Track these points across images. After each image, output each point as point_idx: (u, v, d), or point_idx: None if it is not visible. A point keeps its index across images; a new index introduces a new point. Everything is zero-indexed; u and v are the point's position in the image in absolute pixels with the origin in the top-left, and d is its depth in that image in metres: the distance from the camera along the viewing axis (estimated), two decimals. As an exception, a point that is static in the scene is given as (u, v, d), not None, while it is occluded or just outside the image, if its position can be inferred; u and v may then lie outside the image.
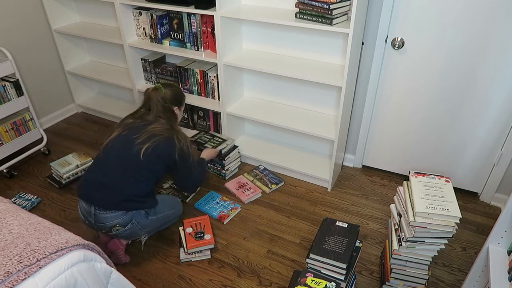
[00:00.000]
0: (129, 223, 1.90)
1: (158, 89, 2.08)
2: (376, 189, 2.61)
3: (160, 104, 2.05)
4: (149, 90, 2.10)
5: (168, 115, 2.07)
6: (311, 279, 1.52)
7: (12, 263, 1.17)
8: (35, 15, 3.00)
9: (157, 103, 2.04)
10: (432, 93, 2.30)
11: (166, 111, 2.07)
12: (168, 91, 2.10)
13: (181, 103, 2.20)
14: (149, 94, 2.07)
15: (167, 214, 2.11)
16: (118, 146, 1.95)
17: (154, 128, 1.96)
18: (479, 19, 1.99)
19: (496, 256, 1.46)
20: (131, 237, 2.02)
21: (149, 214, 1.98)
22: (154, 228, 2.09)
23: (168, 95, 2.09)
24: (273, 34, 2.50)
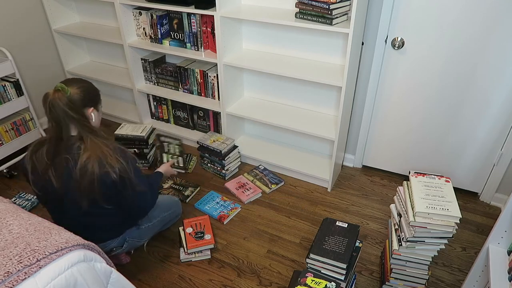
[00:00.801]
0: (124, 242, 1.88)
1: (61, 90, 1.53)
2: (376, 189, 2.61)
3: (69, 109, 1.53)
4: (48, 94, 1.53)
5: (82, 124, 1.59)
6: (311, 279, 1.52)
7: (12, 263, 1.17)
8: (35, 15, 3.00)
9: (65, 110, 1.53)
10: (432, 93, 2.30)
11: (79, 118, 1.57)
12: (75, 89, 1.57)
13: (96, 100, 1.70)
14: (50, 100, 1.52)
15: (164, 217, 2.08)
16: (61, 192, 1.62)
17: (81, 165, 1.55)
18: (479, 19, 1.99)
19: (496, 256, 1.46)
20: (134, 248, 2.03)
21: (141, 224, 1.95)
22: (154, 232, 2.08)
23: (76, 95, 1.57)
24: (273, 34, 2.50)
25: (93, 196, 1.60)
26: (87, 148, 1.57)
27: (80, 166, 1.55)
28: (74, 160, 1.57)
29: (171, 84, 2.94)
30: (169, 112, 3.12)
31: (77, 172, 1.56)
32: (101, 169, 1.56)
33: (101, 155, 1.57)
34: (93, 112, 1.66)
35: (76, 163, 1.56)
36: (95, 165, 1.55)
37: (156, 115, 3.21)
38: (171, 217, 2.16)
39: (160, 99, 3.08)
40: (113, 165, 1.57)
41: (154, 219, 2.01)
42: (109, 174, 1.57)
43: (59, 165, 1.59)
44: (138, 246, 2.04)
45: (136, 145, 2.73)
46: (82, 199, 1.60)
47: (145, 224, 1.97)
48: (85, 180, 1.56)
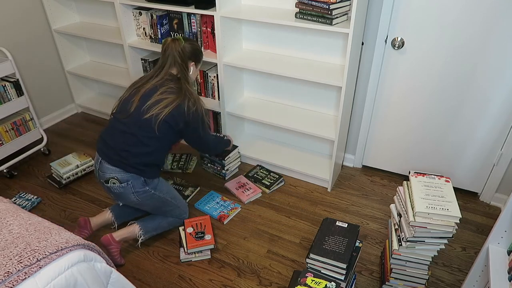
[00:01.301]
0: (126, 182, 1.92)
1: (178, 40, 2.01)
2: (376, 189, 2.61)
3: (179, 56, 1.99)
4: (168, 40, 2.03)
5: (182, 70, 2.02)
6: (311, 279, 1.52)
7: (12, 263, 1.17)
8: (35, 15, 3.00)
9: (175, 55, 1.99)
10: (432, 93, 2.30)
11: (182, 65, 2.01)
12: (187, 44, 2.04)
13: (199, 59, 2.14)
14: (167, 44, 2.01)
15: (167, 200, 2.10)
16: (127, 112, 1.94)
17: (162, 93, 1.92)
18: (479, 19, 1.99)
19: (496, 256, 1.46)
20: (123, 198, 2.01)
21: (147, 184, 1.99)
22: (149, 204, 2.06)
23: (187, 48, 2.02)
24: (273, 34, 2.50)
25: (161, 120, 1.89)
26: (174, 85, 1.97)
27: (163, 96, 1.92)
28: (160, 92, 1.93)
29: (171, 84, 2.94)
30: (169, 112, 3.12)
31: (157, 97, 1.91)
32: (179, 102, 1.92)
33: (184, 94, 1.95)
34: (192, 66, 2.09)
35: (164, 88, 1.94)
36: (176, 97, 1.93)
37: (156, 115, 3.21)
38: (173, 210, 2.16)
39: (160, 99, 3.08)
40: (190, 105, 1.95)
41: (159, 192, 2.05)
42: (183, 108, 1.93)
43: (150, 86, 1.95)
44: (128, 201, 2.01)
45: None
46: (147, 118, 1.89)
47: (150, 188, 2.00)
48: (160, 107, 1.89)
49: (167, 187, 2.11)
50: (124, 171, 1.92)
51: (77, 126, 3.36)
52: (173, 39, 2.01)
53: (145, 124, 1.90)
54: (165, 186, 2.10)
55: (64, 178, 2.57)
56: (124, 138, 1.92)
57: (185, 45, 2.02)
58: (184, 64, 2.02)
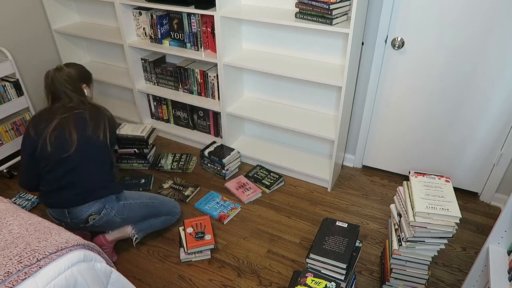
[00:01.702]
0: (103, 208, 1.89)
1: (61, 69, 1.91)
2: (376, 189, 2.61)
3: (68, 83, 1.89)
4: (50, 72, 1.91)
5: (79, 96, 1.93)
6: (311, 279, 1.52)
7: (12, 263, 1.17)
8: (35, 15, 3.00)
9: (64, 84, 1.88)
10: (432, 93, 2.30)
11: (76, 91, 1.92)
12: (71, 69, 1.95)
13: (88, 79, 2.07)
14: (51, 76, 1.89)
15: (146, 202, 2.07)
16: (55, 146, 1.81)
17: (91, 118, 1.88)
18: (479, 19, 1.99)
19: (496, 256, 1.46)
20: (109, 226, 1.99)
21: (120, 199, 1.97)
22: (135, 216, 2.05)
23: (72, 73, 1.93)
24: (273, 34, 2.50)
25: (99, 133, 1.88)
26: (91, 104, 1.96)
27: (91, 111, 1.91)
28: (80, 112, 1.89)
29: (171, 84, 2.94)
30: (169, 112, 3.12)
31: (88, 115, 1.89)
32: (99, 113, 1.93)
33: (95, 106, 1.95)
34: (85, 88, 2.02)
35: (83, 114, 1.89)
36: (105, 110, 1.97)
37: (156, 115, 3.21)
38: (158, 206, 2.14)
39: (160, 99, 3.08)
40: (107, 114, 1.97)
41: (131, 199, 2.02)
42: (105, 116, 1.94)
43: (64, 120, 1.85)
44: (114, 225, 2.01)
45: (136, 145, 2.73)
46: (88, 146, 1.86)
47: (123, 200, 1.98)
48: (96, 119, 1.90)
49: (135, 193, 2.09)
50: (95, 200, 1.87)
51: (77, 126, 3.36)
52: (54, 69, 1.92)
53: (93, 149, 1.87)
54: (133, 193, 2.08)
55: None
56: (76, 173, 1.84)
57: (69, 70, 1.94)
58: (77, 90, 1.94)
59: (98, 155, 1.90)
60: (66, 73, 1.91)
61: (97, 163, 1.90)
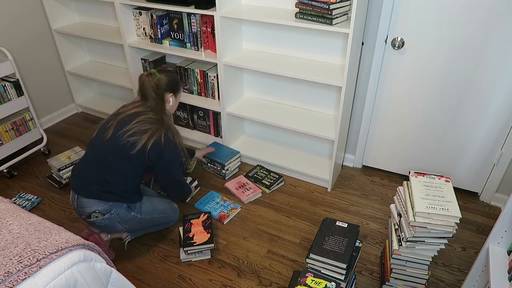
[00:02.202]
0: (109, 212, 1.87)
1: (152, 75, 2.01)
2: (376, 189, 2.61)
3: (153, 90, 1.98)
4: (143, 75, 2.03)
5: (159, 103, 2.01)
6: (311, 279, 1.52)
7: (12, 263, 1.17)
8: (35, 15, 3.00)
9: (150, 89, 1.98)
10: (432, 93, 2.30)
11: (158, 98, 2.00)
12: (163, 76, 2.02)
13: (176, 89, 2.10)
14: (142, 80, 2.01)
15: (154, 218, 2.06)
16: (103, 139, 1.91)
17: (140, 122, 1.89)
18: (479, 19, 1.99)
19: (496, 256, 1.46)
20: (110, 229, 1.98)
21: (132, 210, 1.95)
22: (138, 227, 2.06)
23: (162, 81, 2.00)
24: (273, 34, 2.50)
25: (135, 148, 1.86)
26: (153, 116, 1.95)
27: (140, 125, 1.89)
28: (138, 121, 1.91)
29: (171, 84, 2.94)
30: (169, 112, 3.12)
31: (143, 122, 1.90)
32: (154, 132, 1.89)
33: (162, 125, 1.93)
34: (171, 97, 2.07)
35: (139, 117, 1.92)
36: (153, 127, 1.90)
37: (156, 115, 3.21)
38: (162, 221, 2.14)
39: (160, 99, 3.08)
40: (163, 137, 1.90)
41: (146, 214, 2.01)
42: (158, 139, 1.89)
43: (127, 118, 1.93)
44: (116, 231, 2.01)
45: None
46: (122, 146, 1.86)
47: (136, 213, 1.97)
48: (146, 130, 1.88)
49: (151, 205, 2.06)
50: (104, 201, 1.87)
51: (77, 126, 3.36)
52: (148, 73, 2.01)
53: (120, 151, 1.87)
54: (149, 205, 2.05)
55: (64, 178, 2.57)
56: (99, 167, 1.89)
57: (161, 77, 2.01)
58: (160, 98, 2.01)
59: (124, 162, 1.88)
60: (156, 79, 1.99)
61: (122, 168, 1.89)
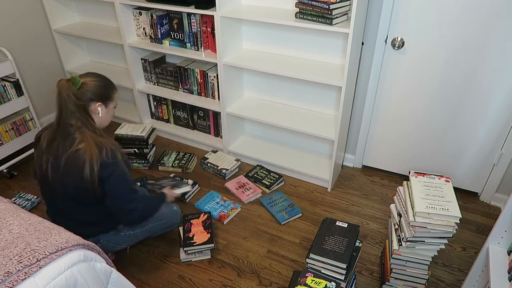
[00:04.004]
0: (98, 242, 1.78)
1: (72, 80, 1.59)
2: (376, 189, 2.61)
3: (72, 101, 1.58)
4: (61, 81, 1.61)
5: (83, 117, 1.62)
6: (311, 279, 1.52)
7: (12, 263, 1.17)
8: (35, 15, 2.99)
9: (68, 100, 1.57)
10: (432, 93, 2.30)
11: (81, 110, 1.62)
12: (88, 81, 1.63)
13: (106, 97, 1.71)
14: (59, 88, 1.59)
15: (151, 227, 1.95)
16: (49, 184, 1.69)
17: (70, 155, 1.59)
18: (479, 19, 1.99)
19: (496, 256, 1.46)
20: (110, 251, 1.91)
21: (120, 231, 1.85)
22: (137, 240, 1.98)
23: (86, 87, 1.62)
24: (273, 34, 2.50)
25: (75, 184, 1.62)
26: (82, 140, 1.60)
27: (70, 153, 1.60)
28: (66, 148, 1.62)
29: (171, 84, 2.94)
30: (169, 112, 3.12)
31: (64, 159, 1.61)
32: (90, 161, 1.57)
33: (92, 149, 1.59)
34: (100, 107, 1.68)
35: (67, 151, 1.61)
36: (85, 155, 1.58)
37: (156, 115, 3.21)
38: (161, 228, 2.01)
39: (160, 99, 3.08)
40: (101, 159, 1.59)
41: (139, 228, 1.90)
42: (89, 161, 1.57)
43: (53, 150, 1.64)
44: (115, 250, 1.94)
45: (136, 145, 2.73)
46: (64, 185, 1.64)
47: (126, 231, 1.87)
48: (71, 167, 1.60)
49: None
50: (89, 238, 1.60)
51: (77, 126, 3.36)
52: (67, 79, 1.62)
53: (69, 191, 1.65)
54: None
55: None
56: (63, 211, 1.74)
57: (84, 82, 1.62)
58: (83, 109, 1.62)
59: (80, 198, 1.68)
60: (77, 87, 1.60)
61: (83, 204, 1.71)
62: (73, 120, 1.62)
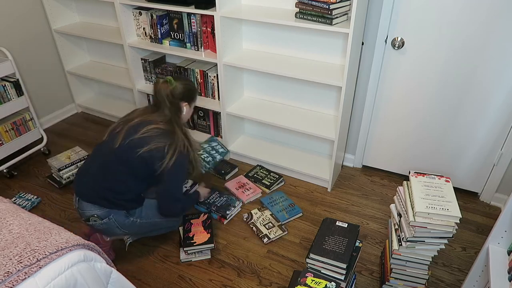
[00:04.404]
0: (107, 217, 1.86)
1: (168, 82, 1.93)
2: (376, 189, 2.61)
3: (168, 99, 1.91)
4: (159, 82, 1.96)
5: (174, 112, 1.94)
6: (311, 279, 1.52)
7: (12, 263, 1.17)
8: (35, 15, 3.00)
9: (165, 98, 1.91)
10: (432, 93, 2.30)
11: (173, 107, 1.93)
12: (179, 84, 1.95)
13: (191, 98, 2.04)
14: (158, 87, 1.94)
15: (156, 222, 2.02)
16: (110, 146, 1.87)
17: (150, 132, 1.83)
18: (479, 19, 1.99)
19: (496, 256, 1.46)
20: (109, 233, 1.97)
21: (130, 215, 1.92)
22: (139, 231, 2.04)
23: (178, 89, 1.93)
24: (273, 34, 2.50)
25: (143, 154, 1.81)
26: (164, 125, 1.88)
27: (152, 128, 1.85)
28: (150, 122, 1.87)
29: (171, 84, 2.94)
30: (169, 112, 3.12)
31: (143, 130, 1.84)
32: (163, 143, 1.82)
33: (173, 136, 1.86)
34: (185, 106, 2.00)
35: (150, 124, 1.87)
36: (162, 137, 1.84)
37: (156, 115, 3.21)
38: (165, 225, 2.09)
39: (160, 99, 3.08)
40: (175, 149, 1.83)
41: (146, 218, 1.97)
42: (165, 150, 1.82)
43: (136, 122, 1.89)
44: (116, 235, 2.00)
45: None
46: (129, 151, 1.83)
47: (135, 218, 1.94)
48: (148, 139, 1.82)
49: (152, 210, 1.99)
50: (103, 207, 1.85)
51: (77, 126, 3.36)
52: (164, 81, 1.93)
53: (123, 159, 1.84)
54: (150, 210, 1.99)
55: (64, 178, 2.57)
56: (102, 174, 1.87)
57: (177, 85, 1.93)
58: (174, 107, 1.94)
59: (129, 173, 1.86)
60: (172, 87, 1.91)
61: (125, 178, 1.87)
62: (167, 110, 1.92)
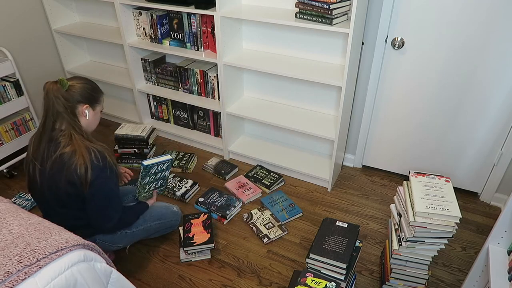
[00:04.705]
0: (94, 241, 1.75)
1: (60, 82, 1.59)
2: (376, 189, 2.61)
3: (61, 102, 1.57)
4: (47, 83, 1.60)
5: (71, 119, 1.61)
6: (311, 279, 1.52)
7: (12, 263, 1.17)
8: (35, 15, 3.00)
9: (56, 101, 1.57)
10: (432, 93, 2.30)
11: (69, 113, 1.61)
12: (75, 84, 1.63)
13: (94, 99, 1.69)
14: (46, 90, 1.58)
15: (149, 226, 1.96)
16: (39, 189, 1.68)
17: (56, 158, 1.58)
18: (479, 19, 1.99)
19: (496, 256, 1.46)
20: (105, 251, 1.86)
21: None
22: (135, 240, 1.98)
23: (73, 89, 1.61)
24: (273, 34, 2.50)
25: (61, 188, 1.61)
26: (67, 143, 1.59)
27: (55, 158, 1.59)
28: (51, 152, 1.61)
29: (171, 84, 2.94)
30: (169, 112, 3.12)
31: (50, 163, 1.60)
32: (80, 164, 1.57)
33: (83, 151, 1.58)
34: (87, 109, 1.67)
35: (52, 155, 1.60)
36: (74, 158, 1.57)
37: (156, 115, 3.21)
38: (162, 227, 2.04)
39: (160, 99, 3.08)
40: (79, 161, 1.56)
41: (136, 227, 1.90)
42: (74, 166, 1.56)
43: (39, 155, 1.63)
44: (113, 250, 1.93)
45: (136, 145, 2.73)
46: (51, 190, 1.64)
47: (122, 230, 1.86)
48: (56, 171, 1.60)
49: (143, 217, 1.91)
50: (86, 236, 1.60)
51: (77, 126, 3.36)
52: (53, 81, 1.60)
53: (58, 199, 1.64)
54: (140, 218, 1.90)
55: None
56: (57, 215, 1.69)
57: (71, 85, 1.62)
58: (71, 111, 1.62)
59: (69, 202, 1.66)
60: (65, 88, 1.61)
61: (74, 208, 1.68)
62: (58, 123, 1.62)
